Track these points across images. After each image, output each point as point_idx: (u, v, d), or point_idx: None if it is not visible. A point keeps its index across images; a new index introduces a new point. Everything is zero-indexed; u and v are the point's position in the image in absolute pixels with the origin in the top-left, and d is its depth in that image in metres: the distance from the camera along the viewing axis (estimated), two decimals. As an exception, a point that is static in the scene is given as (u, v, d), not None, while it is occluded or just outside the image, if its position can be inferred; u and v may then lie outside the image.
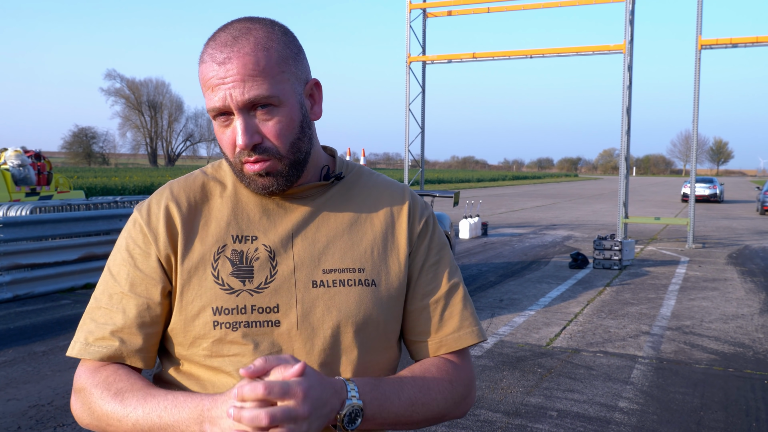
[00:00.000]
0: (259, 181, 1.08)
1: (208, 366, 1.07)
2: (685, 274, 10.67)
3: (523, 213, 24.44)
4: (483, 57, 15.10)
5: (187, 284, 1.07)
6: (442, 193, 11.22)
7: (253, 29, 1.04)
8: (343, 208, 1.15)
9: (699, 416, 4.53)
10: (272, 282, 1.08)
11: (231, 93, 1.02)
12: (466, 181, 64.99)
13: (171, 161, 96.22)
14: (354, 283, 1.10)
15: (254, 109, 1.04)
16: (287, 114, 1.06)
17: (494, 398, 4.79)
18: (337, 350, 1.08)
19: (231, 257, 1.08)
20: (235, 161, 1.08)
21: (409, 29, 15.71)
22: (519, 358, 5.82)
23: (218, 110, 1.04)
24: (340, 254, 1.11)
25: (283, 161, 1.07)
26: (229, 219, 1.11)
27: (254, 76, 1.01)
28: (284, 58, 1.05)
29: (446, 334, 1.17)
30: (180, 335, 1.08)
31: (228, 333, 1.05)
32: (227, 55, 1.02)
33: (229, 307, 1.05)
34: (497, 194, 40.51)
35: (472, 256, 12.43)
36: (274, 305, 1.07)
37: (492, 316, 7.45)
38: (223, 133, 1.07)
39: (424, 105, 16.42)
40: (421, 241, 1.18)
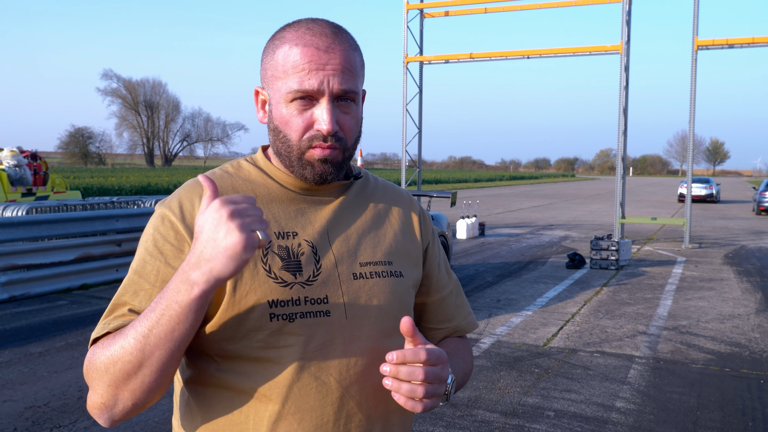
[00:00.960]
0: (319, 167, 1.12)
1: (258, 357, 1.09)
2: (681, 274, 10.69)
3: (520, 213, 24.46)
4: (480, 57, 15.10)
5: (240, 279, 1.08)
6: (439, 194, 11.22)
7: (344, 30, 1.14)
8: (364, 206, 1.24)
9: (696, 416, 4.54)
10: (320, 275, 1.13)
11: (330, 79, 1.08)
12: (463, 181, 65.02)
13: (168, 161, 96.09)
14: (387, 275, 1.19)
15: (338, 100, 1.11)
16: (358, 112, 1.15)
17: (491, 398, 4.79)
18: (380, 337, 1.16)
19: (278, 252, 1.12)
20: (300, 145, 1.11)
21: (406, 29, 15.70)
22: (516, 358, 5.82)
23: (306, 93, 1.08)
24: (371, 248, 1.20)
25: (344, 154, 1.14)
26: (267, 216, 1.14)
27: (350, 70, 1.10)
28: (363, 63, 1.17)
29: (460, 321, 1.35)
30: (231, 329, 1.08)
31: (285, 324, 1.09)
32: (330, 44, 1.09)
33: (285, 300, 1.09)
34: (494, 194, 40.54)
35: (470, 256, 12.44)
36: (324, 296, 1.12)
37: (489, 316, 7.45)
38: (295, 116, 1.10)
39: (422, 105, 16.42)
40: (433, 241, 1.33)
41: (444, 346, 1.29)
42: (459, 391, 4.89)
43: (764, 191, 24.99)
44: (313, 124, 1.10)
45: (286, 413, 1.09)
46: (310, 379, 1.09)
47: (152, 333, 0.98)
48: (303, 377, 1.09)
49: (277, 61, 1.11)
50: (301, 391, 1.09)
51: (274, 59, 1.11)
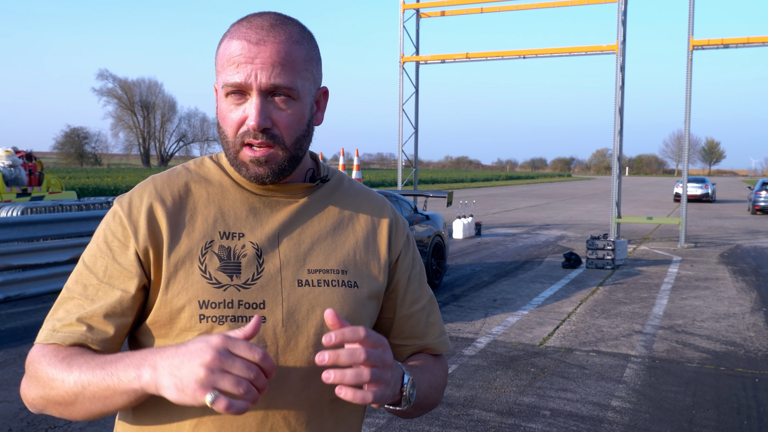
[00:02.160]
0: (253, 169, 1.08)
1: None
2: (677, 273, 10.72)
3: (516, 213, 24.49)
4: (476, 57, 15.11)
5: (173, 277, 1.06)
6: (435, 194, 11.22)
7: (288, 23, 1.09)
8: (327, 211, 1.18)
9: (691, 415, 4.55)
10: (259, 279, 1.09)
11: (258, 73, 1.04)
12: (459, 181, 65.07)
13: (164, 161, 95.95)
14: (337, 284, 1.13)
15: (272, 95, 1.06)
16: (300, 109, 1.09)
17: (488, 398, 4.80)
18: (320, 349, 1.09)
19: (218, 252, 1.09)
20: (235, 142, 1.08)
21: (402, 29, 15.71)
22: (512, 357, 5.83)
23: (236, 87, 1.05)
24: (324, 255, 1.14)
25: (284, 153, 1.08)
26: (215, 216, 1.11)
27: (283, 65, 1.05)
28: (310, 58, 1.10)
29: (431, 340, 1.26)
30: (165, 327, 1.07)
31: (214, 326, 1.05)
32: (262, 37, 1.05)
33: (216, 301, 1.06)
34: (490, 194, 40.58)
35: (466, 256, 12.45)
36: (261, 301, 1.07)
37: (485, 315, 7.46)
38: (231, 111, 1.07)
39: (418, 105, 16.43)
40: (406, 252, 1.25)
41: (411, 360, 1.22)
42: (454, 390, 4.91)
43: (759, 191, 25.07)
44: (245, 120, 1.06)
45: (206, 419, 1.06)
46: None
47: (89, 388, 0.99)
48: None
49: (218, 55, 1.09)
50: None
51: (218, 53, 1.09)
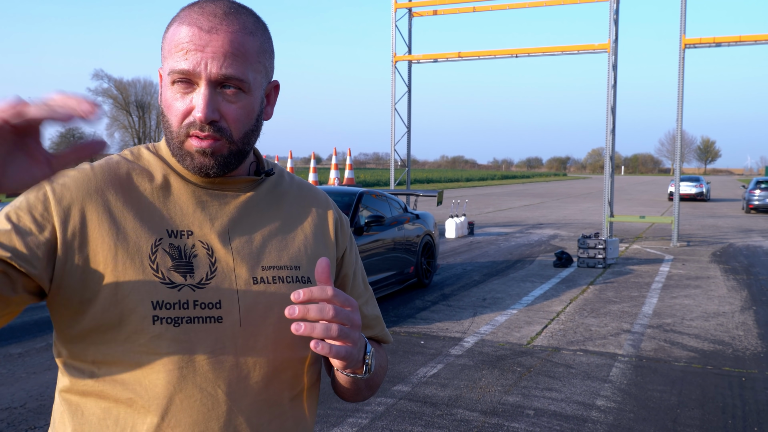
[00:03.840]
0: (198, 159, 1.03)
1: (138, 364, 1.00)
2: (668, 272, 10.71)
3: (510, 212, 24.49)
4: (468, 56, 15.09)
5: (123, 276, 1.00)
6: (425, 193, 11.20)
7: (243, 12, 1.04)
8: (274, 205, 1.15)
9: (675, 414, 4.54)
10: (213, 278, 1.04)
11: (208, 63, 0.99)
12: (455, 180, 65.09)
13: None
14: (292, 280, 1.11)
15: (221, 87, 1.01)
16: (250, 103, 1.04)
17: (472, 397, 4.77)
18: (279, 348, 1.08)
19: (169, 251, 1.03)
20: (179, 132, 1.03)
21: (394, 28, 15.68)
22: (499, 357, 5.81)
23: (184, 74, 1.00)
24: (277, 251, 1.11)
25: (231, 147, 1.04)
26: (161, 212, 1.05)
27: (236, 56, 1.01)
28: (263, 50, 1.06)
29: (377, 332, 1.27)
30: (111, 332, 1.00)
31: (169, 329, 1.00)
32: (215, 25, 1.00)
33: (171, 302, 1.00)
34: (485, 194, 40.59)
35: (458, 255, 12.43)
36: (216, 301, 1.03)
37: (474, 315, 7.44)
38: (177, 100, 1.02)
39: (410, 104, 16.41)
40: (351, 248, 1.25)
41: None
42: (439, 390, 4.89)
43: (753, 189, 25.11)
44: (191, 110, 1.01)
45: (166, 427, 1.00)
46: (194, 390, 1.01)
47: None
48: (186, 388, 1.00)
49: (166, 40, 1.03)
50: (183, 403, 1.00)
51: (165, 38, 1.04)
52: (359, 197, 8.10)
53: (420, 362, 5.60)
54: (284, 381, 1.08)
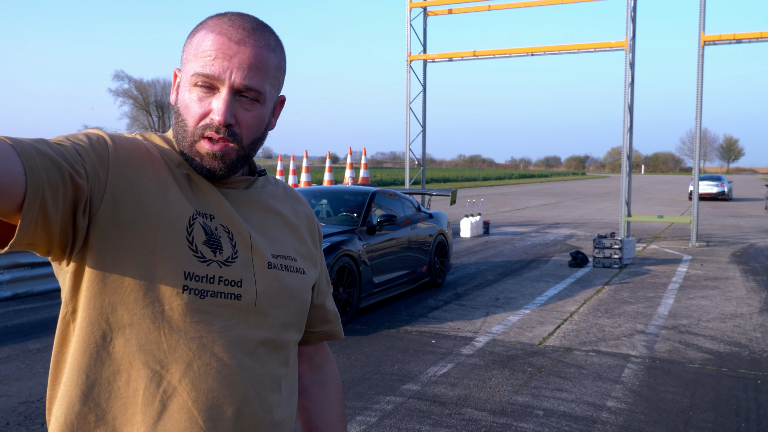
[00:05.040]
0: (208, 161, 1.10)
1: (159, 328, 1.05)
2: (686, 272, 10.59)
3: (527, 211, 24.36)
4: (484, 55, 15.04)
5: (163, 241, 1.05)
6: (439, 192, 11.18)
7: (267, 29, 1.13)
8: (269, 203, 1.24)
9: (687, 416, 4.49)
10: (237, 257, 1.12)
11: (233, 71, 1.07)
12: (472, 179, 64.88)
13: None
14: (294, 270, 1.22)
15: (240, 95, 1.09)
16: (263, 113, 1.13)
17: (481, 397, 4.76)
18: (280, 329, 1.17)
19: (204, 226, 1.10)
20: (194, 133, 1.10)
21: (409, 28, 15.67)
22: (510, 356, 5.79)
23: (208, 78, 1.07)
24: (280, 242, 1.22)
25: (239, 152, 1.12)
26: (190, 194, 1.12)
27: (259, 69, 1.09)
28: (280, 67, 1.15)
29: (334, 326, 1.41)
30: (137, 292, 1.04)
31: (195, 299, 1.06)
32: (243, 38, 1.08)
33: (200, 275, 1.07)
34: (502, 193, 40.42)
35: (472, 254, 12.40)
36: (239, 280, 1.11)
37: (486, 314, 7.41)
38: (195, 101, 1.09)
39: (425, 104, 16.38)
40: (321, 245, 1.37)
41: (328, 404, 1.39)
42: (448, 389, 4.88)
43: (775, 189, 24.72)
44: (209, 113, 1.09)
45: (182, 390, 1.06)
46: (211, 358, 1.08)
47: None
48: (204, 356, 1.07)
49: (192, 44, 1.11)
50: (201, 370, 1.07)
51: (191, 43, 1.11)
52: (372, 196, 8.11)
53: (430, 361, 5.60)
54: (280, 359, 1.18)
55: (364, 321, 7.04)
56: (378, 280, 7.51)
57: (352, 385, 4.96)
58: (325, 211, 8.26)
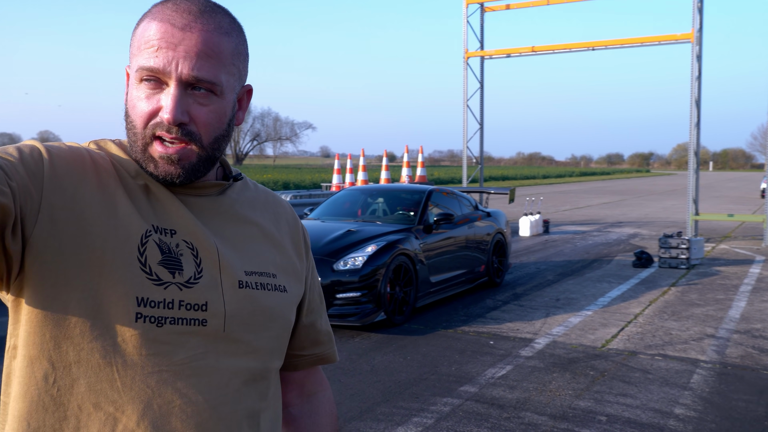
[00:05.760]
0: (163, 167, 0.97)
1: (111, 364, 0.92)
2: (759, 274, 10.11)
3: (588, 210, 23.79)
4: (543, 51, 14.72)
5: (111, 264, 0.91)
6: (497, 190, 11.00)
7: (219, 11, 0.99)
8: (246, 211, 1.10)
9: (763, 426, 4.24)
10: (201, 278, 0.98)
11: (179, 62, 0.94)
12: (531, 177, 63.91)
13: (239, 160, 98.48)
14: (272, 288, 1.07)
15: (192, 88, 0.96)
16: (222, 107, 0.99)
17: (541, 401, 4.62)
18: (259, 355, 1.03)
19: (159, 244, 0.96)
20: (144, 134, 0.96)
21: (466, 24, 15.49)
22: (571, 359, 5.61)
23: (153, 73, 0.94)
24: (255, 257, 1.07)
25: (200, 153, 0.98)
26: (146, 206, 0.98)
27: (209, 57, 0.95)
28: (238, 52, 1.01)
29: (327, 349, 1.24)
30: (81, 325, 0.90)
31: (152, 329, 0.92)
32: (189, 23, 0.95)
33: (156, 300, 0.93)
34: (562, 191, 39.64)
35: (531, 254, 12.16)
36: (203, 303, 0.97)
37: (546, 316, 7.23)
38: (143, 99, 0.96)
39: (483, 101, 16.17)
40: (309, 258, 1.21)
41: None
42: (507, 392, 4.76)
43: None
44: (158, 111, 0.95)
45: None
46: (173, 395, 0.93)
47: None
48: (166, 393, 0.93)
49: (136, 36, 0.98)
50: (161, 409, 0.93)
51: (135, 34, 0.98)
52: (428, 195, 8.03)
53: (488, 363, 5.48)
54: (259, 391, 1.04)
55: (421, 320, 6.96)
56: (435, 280, 7.43)
57: (408, 386, 4.90)
58: (382, 210, 8.23)
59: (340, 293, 6.27)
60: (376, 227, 7.29)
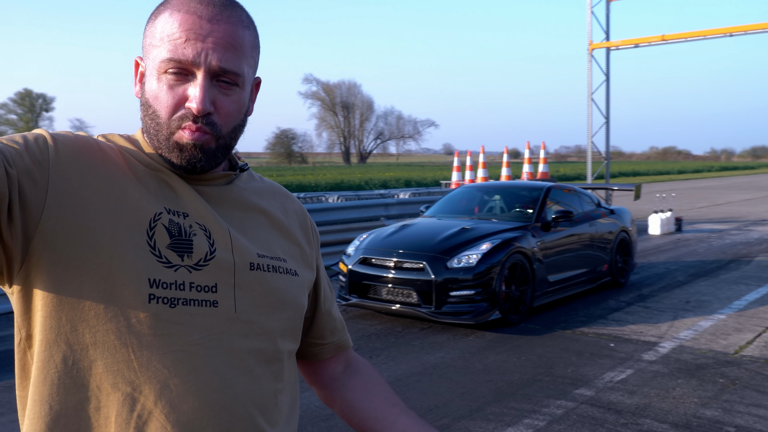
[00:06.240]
0: (188, 152, 0.99)
1: (127, 345, 0.93)
2: None
3: (727, 207, 22.19)
4: (674, 39, 13.91)
5: (122, 248, 0.93)
6: (621, 187, 10.52)
7: (238, 5, 1.03)
8: (254, 200, 1.13)
9: None
10: (212, 260, 1.00)
11: (208, 53, 0.96)
12: (665, 173, 60.47)
13: (363, 159, 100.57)
14: (283, 271, 1.09)
15: (217, 80, 0.99)
16: (242, 98, 1.02)
17: (663, 407, 4.40)
18: (271, 337, 1.05)
19: (169, 227, 0.98)
20: (169, 124, 0.98)
21: (590, 15, 14.93)
22: (699, 365, 5.29)
23: (180, 64, 0.96)
24: (266, 242, 1.10)
25: (219, 141, 1.01)
26: (157, 191, 1.00)
27: (235, 48, 0.99)
28: (255, 45, 1.05)
29: (342, 336, 1.28)
30: (95, 308, 0.93)
31: (165, 309, 0.94)
32: (215, 15, 0.97)
33: (168, 281, 0.95)
34: (699, 187, 37.19)
35: (661, 253, 11.54)
36: (213, 284, 0.99)
37: (674, 318, 6.85)
38: (168, 90, 0.98)
39: (609, 94, 15.53)
40: (318, 249, 1.24)
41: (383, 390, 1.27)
42: (626, 397, 4.57)
43: None
44: (184, 102, 0.97)
45: (159, 413, 0.93)
46: (190, 375, 0.95)
47: None
48: (182, 372, 0.94)
49: (156, 28, 0.99)
50: (178, 389, 0.94)
51: (154, 26, 0.99)
52: (546, 192, 7.84)
53: (607, 366, 5.28)
54: (274, 372, 1.05)
55: (538, 321, 6.82)
56: (553, 279, 7.24)
57: (520, 387, 4.83)
58: (499, 207, 8.13)
59: (454, 291, 6.27)
60: (492, 225, 7.22)
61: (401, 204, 11.65)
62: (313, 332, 1.24)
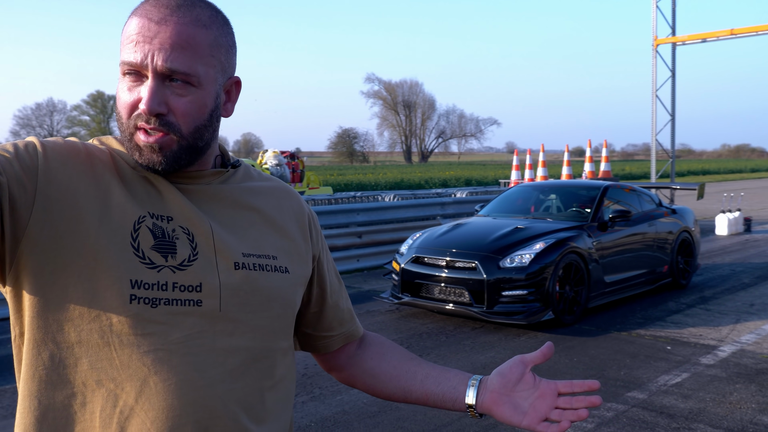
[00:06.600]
0: (147, 155, 1.02)
1: (110, 344, 0.97)
2: None
3: (803, 207, 21.18)
4: (744, 33, 13.39)
5: (105, 250, 0.97)
6: (683, 186, 10.24)
7: (198, 5, 1.04)
8: (246, 198, 1.15)
9: None
10: (195, 260, 1.03)
11: (154, 54, 0.98)
12: (737, 171, 58.11)
13: (424, 158, 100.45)
14: (271, 269, 1.11)
15: (170, 80, 1.01)
16: (201, 98, 1.03)
17: (718, 412, 4.29)
18: (258, 335, 1.07)
19: (153, 229, 1.01)
20: (128, 125, 1.02)
21: (655, 9, 14.52)
22: (759, 370, 5.12)
23: (132, 67, 1.00)
24: (255, 240, 1.11)
25: (180, 142, 1.02)
26: (142, 194, 1.04)
27: (184, 48, 1.00)
28: (218, 44, 1.05)
29: (352, 326, 1.31)
30: (79, 309, 0.97)
31: (146, 309, 0.97)
32: (164, 17, 1.00)
33: (150, 282, 0.98)
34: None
35: (726, 255, 11.14)
36: (197, 284, 1.01)
37: (736, 322, 6.63)
38: (126, 91, 1.02)
39: (674, 90, 15.07)
40: (323, 244, 1.27)
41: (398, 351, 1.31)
42: (679, 401, 4.47)
43: None
44: (138, 103, 1.00)
45: (139, 410, 0.96)
46: (169, 373, 0.97)
47: None
48: (161, 371, 0.97)
49: (122, 32, 1.03)
50: (157, 386, 0.97)
51: (122, 31, 1.03)
52: (604, 191, 7.70)
53: (662, 369, 5.17)
54: (261, 370, 1.07)
55: (593, 322, 6.72)
56: (609, 279, 7.12)
57: (571, 387, 4.78)
58: (555, 207, 8.04)
59: (506, 291, 6.25)
60: (546, 224, 7.15)
61: (457, 203, 11.64)
62: (322, 325, 1.27)
